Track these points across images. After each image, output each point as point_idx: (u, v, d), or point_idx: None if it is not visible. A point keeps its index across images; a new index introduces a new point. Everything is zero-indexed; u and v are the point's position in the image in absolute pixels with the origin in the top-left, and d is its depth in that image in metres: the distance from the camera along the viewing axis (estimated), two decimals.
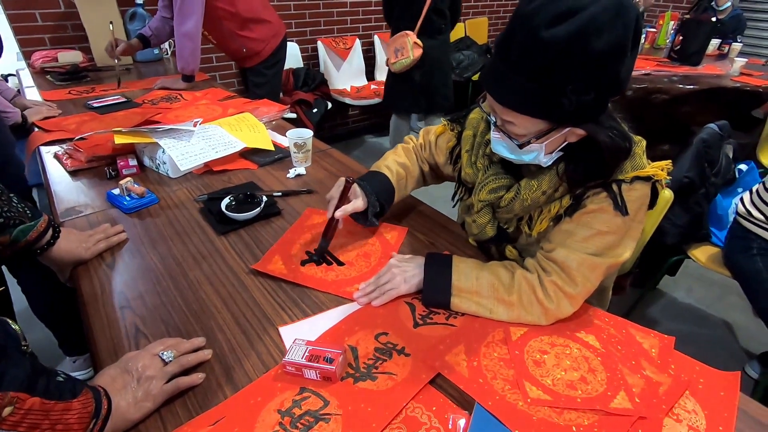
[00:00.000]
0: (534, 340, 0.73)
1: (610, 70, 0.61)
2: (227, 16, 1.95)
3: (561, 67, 0.59)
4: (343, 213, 0.88)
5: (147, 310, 0.78)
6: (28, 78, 2.12)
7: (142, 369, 0.61)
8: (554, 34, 0.57)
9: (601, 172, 0.72)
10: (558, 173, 0.75)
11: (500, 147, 0.77)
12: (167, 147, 1.17)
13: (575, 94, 0.61)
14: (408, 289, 0.81)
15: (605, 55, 0.58)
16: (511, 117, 0.68)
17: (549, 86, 0.61)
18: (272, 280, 0.85)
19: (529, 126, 0.68)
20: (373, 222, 0.95)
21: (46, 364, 0.53)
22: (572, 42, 0.57)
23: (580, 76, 0.60)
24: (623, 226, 0.74)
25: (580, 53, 0.58)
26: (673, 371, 0.69)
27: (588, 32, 0.57)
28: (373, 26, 3.47)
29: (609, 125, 0.69)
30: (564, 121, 0.67)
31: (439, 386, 0.65)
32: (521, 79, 0.62)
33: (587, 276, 0.74)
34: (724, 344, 1.79)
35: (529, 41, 0.59)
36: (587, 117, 0.66)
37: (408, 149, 1.06)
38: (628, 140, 0.70)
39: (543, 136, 0.69)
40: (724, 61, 3.20)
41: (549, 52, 0.58)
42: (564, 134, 0.70)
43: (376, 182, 0.95)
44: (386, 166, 0.99)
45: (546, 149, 0.72)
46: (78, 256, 0.86)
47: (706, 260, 1.52)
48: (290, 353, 0.66)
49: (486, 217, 0.88)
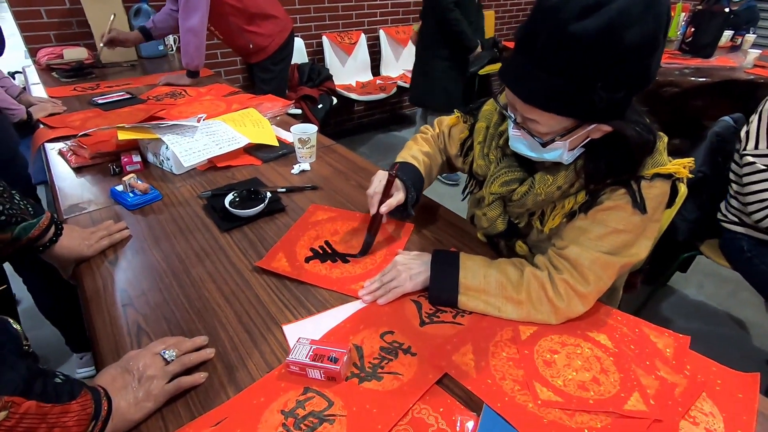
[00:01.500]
0: (544, 340, 0.71)
1: (641, 64, 0.58)
2: (233, 12, 1.93)
3: (590, 63, 0.57)
4: (388, 208, 0.86)
5: (149, 308, 0.77)
6: (34, 75, 2.12)
7: (143, 368, 0.60)
8: (583, 27, 0.54)
9: (624, 168, 0.69)
10: (575, 169, 0.73)
11: (520, 145, 0.74)
12: (170, 143, 1.16)
13: (606, 91, 0.58)
14: (414, 287, 0.79)
15: (637, 49, 0.56)
16: (535, 115, 0.65)
17: (578, 83, 0.59)
18: (276, 278, 0.84)
19: (554, 124, 0.66)
20: (411, 213, 0.93)
21: (53, 361, 0.51)
22: (602, 36, 0.54)
23: (610, 71, 0.57)
24: (640, 224, 0.71)
25: (610, 47, 0.55)
26: (689, 372, 0.66)
27: (619, 25, 0.54)
28: (378, 21, 3.43)
29: (634, 119, 0.66)
30: (592, 119, 0.64)
31: (446, 387, 0.64)
32: (547, 75, 0.60)
33: (600, 275, 0.72)
34: (738, 342, 1.76)
35: (556, 36, 0.56)
36: (615, 113, 0.63)
37: (427, 138, 1.04)
38: (653, 134, 0.68)
39: (567, 134, 0.66)
40: (738, 53, 3.12)
41: (578, 47, 0.56)
42: (588, 131, 0.67)
43: (409, 173, 0.93)
44: (412, 157, 0.97)
45: (569, 146, 0.69)
46: (80, 253, 0.86)
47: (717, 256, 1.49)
48: (294, 352, 0.64)
49: (497, 211, 0.86)
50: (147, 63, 2.37)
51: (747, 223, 1.33)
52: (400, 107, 4.01)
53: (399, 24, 3.55)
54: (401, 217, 0.94)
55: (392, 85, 3.25)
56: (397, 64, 3.57)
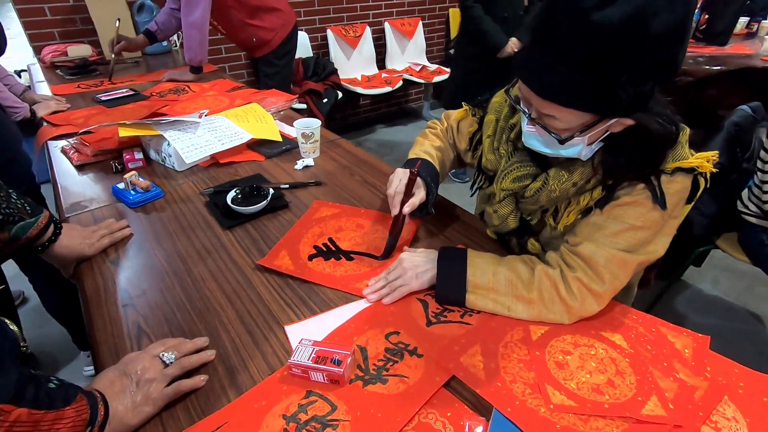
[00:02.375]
0: (556, 340, 0.68)
1: (669, 53, 0.54)
2: (235, 5, 1.91)
3: (615, 55, 0.53)
4: (411, 208, 0.82)
5: (150, 308, 0.75)
6: (39, 73, 2.12)
7: (141, 372, 0.59)
8: (607, 16, 0.50)
9: (646, 163, 0.66)
10: (593, 164, 0.69)
11: (535, 141, 0.70)
12: (172, 139, 1.14)
13: (632, 84, 0.55)
14: (420, 285, 0.77)
15: (664, 39, 0.52)
16: (553, 111, 0.62)
17: (601, 77, 0.55)
18: (279, 276, 0.82)
19: (573, 120, 0.62)
20: (431, 211, 0.90)
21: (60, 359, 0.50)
22: (628, 25, 0.50)
23: (636, 63, 0.53)
24: (659, 221, 0.67)
25: (636, 37, 0.51)
26: (710, 374, 0.63)
27: (645, 13, 0.50)
28: (383, 13, 3.38)
29: (657, 111, 0.62)
30: (615, 113, 0.60)
31: (454, 390, 0.61)
32: (567, 69, 0.56)
33: (615, 273, 0.68)
34: (755, 339, 1.71)
35: (577, 26, 0.53)
36: (639, 106, 0.59)
37: (437, 133, 1.01)
38: (676, 125, 0.64)
39: (587, 130, 0.62)
40: (754, 40, 3.03)
41: (601, 38, 0.52)
42: (609, 125, 0.63)
43: (427, 170, 0.90)
44: (425, 152, 0.94)
45: (587, 141, 0.65)
46: (81, 252, 0.84)
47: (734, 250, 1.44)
48: (296, 354, 0.62)
49: (508, 208, 0.83)
50: (151, 59, 2.35)
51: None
52: (406, 101, 3.97)
53: (404, 16, 3.50)
54: (420, 216, 0.91)
55: (398, 79, 3.20)
56: (403, 57, 3.53)
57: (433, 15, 3.67)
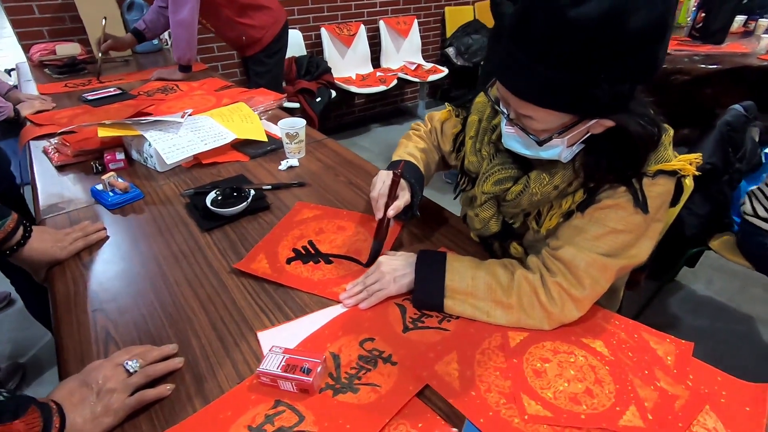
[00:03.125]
0: (535, 347, 0.66)
1: (648, 52, 0.52)
2: (225, 3, 1.88)
3: (593, 53, 0.51)
4: (396, 211, 0.80)
5: (120, 314, 0.73)
6: (27, 71, 2.10)
7: (103, 381, 0.57)
8: (583, 13, 0.48)
9: (627, 165, 0.64)
10: (574, 167, 0.67)
11: (514, 142, 0.68)
12: (153, 140, 1.12)
13: (610, 83, 0.53)
14: (398, 290, 0.75)
15: (644, 36, 0.50)
16: (531, 111, 0.60)
17: (579, 76, 0.53)
18: (254, 280, 0.80)
19: (551, 120, 0.60)
20: (417, 214, 0.87)
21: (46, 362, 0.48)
22: (605, 22, 0.48)
23: (615, 61, 0.51)
24: (642, 225, 0.66)
25: (615, 35, 0.49)
26: (692, 382, 0.61)
27: (623, 9, 0.48)
28: (378, 11, 3.36)
29: (639, 111, 0.60)
30: (594, 114, 0.59)
31: (427, 399, 0.59)
32: (544, 68, 0.54)
33: (596, 278, 0.67)
34: (747, 339, 1.69)
35: (553, 23, 0.51)
36: (619, 107, 0.57)
37: (421, 135, 0.99)
38: (658, 127, 0.62)
39: (566, 131, 0.60)
40: (750, 39, 3.01)
41: (578, 36, 0.50)
42: (589, 126, 0.61)
43: (411, 172, 0.88)
44: (409, 154, 0.92)
45: (567, 143, 0.63)
46: (53, 256, 0.82)
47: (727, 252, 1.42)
48: (265, 362, 0.60)
49: (490, 211, 0.81)
50: (141, 58, 2.33)
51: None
52: (402, 100, 3.94)
53: (399, 14, 3.47)
54: (406, 219, 0.88)
55: (393, 77, 3.18)
56: (398, 56, 3.50)
57: (429, 13, 3.64)
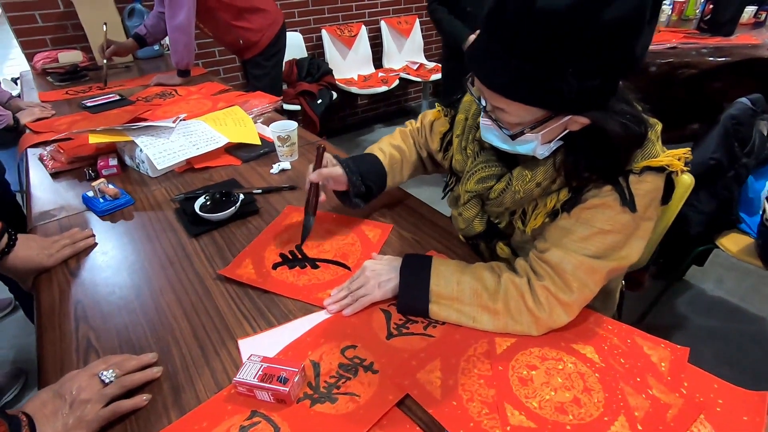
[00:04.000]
0: (522, 354, 0.64)
1: (622, 47, 0.50)
2: (220, 7, 1.88)
3: (561, 45, 0.49)
4: (318, 176, 0.81)
5: (103, 322, 0.73)
6: (31, 80, 2.12)
7: (76, 392, 0.56)
8: (552, 4, 0.47)
9: (607, 165, 0.61)
10: (555, 164, 0.65)
11: (491, 135, 0.67)
12: (143, 145, 1.12)
13: (577, 78, 0.51)
14: (383, 295, 0.73)
15: (616, 30, 0.48)
16: (503, 103, 0.58)
17: (546, 68, 0.51)
18: (239, 286, 0.79)
19: (523, 114, 0.58)
20: (358, 204, 0.88)
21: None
22: (575, 14, 0.46)
23: (584, 55, 0.49)
24: (630, 224, 0.63)
25: (584, 28, 0.47)
26: (686, 390, 0.59)
27: (594, 1, 0.46)
28: (379, 11, 3.34)
29: (620, 109, 0.58)
30: (564, 109, 0.57)
31: (408, 409, 0.58)
32: (513, 59, 0.52)
33: (584, 281, 0.64)
34: (759, 340, 1.64)
35: (522, 14, 0.49)
36: (592, 103, 0.55)
37: (405, 133, 0.98)
38: (643, 125, 0.59)
39: (539, 126, 0.59)
40: (761, 30, 2.93)
41: (546, 27, 0.48)
42: (564, 123, 0.59)
43: (364, 163, 0.88)
44: (379, 149, 0.92)
45: (543, 139, 0.61)
46: (39, 263, 0.82)
47: (737, 250, 1.37)
48: (242, 372, 0.59)
49: (473, 210, 0.79)
50: (143, 63, 2.35)
51: None
52: (405, 100, 3.92)
53: (401, 14, 3.45)
54: (351, 207, 0.90)
55: (394, 78, 3.16)
56: (400, 56, 3.48)
57: None
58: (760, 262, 1.30)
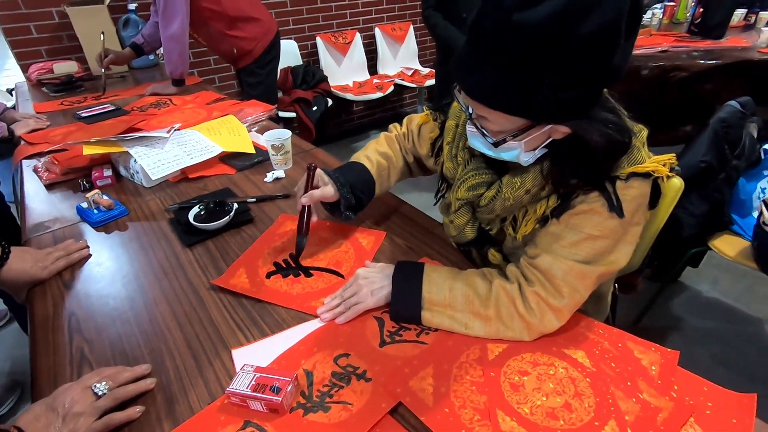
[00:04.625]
0: (514, 359, 0.65)
1: (597, 60, 0.51)
2: (214, 16, 1.90)
3: (536, 57, 0.50)
4: (309, 199, 0.81)
5: (96, 333, 0.73)
6: (26, 91, 2.13)
7: (69, 405, 0.56)
8: (527, 18, 0.48)
9: (593, 173, 0.62)
10: (543, 171, 0.66)
11: (477, 142, 0.68)
12: (138, 156, 1.12)
13: (552, 90, 0.52)
14: (376, 303, 0.73)
15: (591, 43, 0.49)
16: (485, 112, 0.60)
17: (522, 79, 0.52)
18: (233, 296, 0.79)
19: (505, 122, 0.59)
20: (349, 216, 0.88)
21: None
22: (549, 27, 0.47)
23: (559, 67, 0.50)
24: (618, 229, 0.64)
25: (559, 41, 0.48)
26: (676, 393, 0.59)
27: (570, 15, 0.47)
28: (373, 18, 3.37)
29: (602, 118, 0.58)
30: (542, 118, 0.58)
31: (400, 416, 0.58)
32: (492, 69, 0.54)
33: (575, 286, 0.65)
34: (754, 341, 1.64)
35: (500, 26, 0.50)
36: (571, 113, 0.57)
37: (391, 138, 0.98)
38: (627, 133, 0.60)
39: (521, 134, 0.60)
40: (751, 32, 2.96)
41: (521, 40, 0.49)
42: (547, 131, 0.60)
43: (351, 173, 0.88)
44: (366, 157, 0.92)
45: (526, 147, 0.62)
46: (34, 276, 0.82)
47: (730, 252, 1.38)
48: (235, 382, 0.59)
49: (464, 218, 0.80)
50: (138, 73, 2.36)
51: None
52: (401, 106, 3.94)
53: (395, 21, 3.48)
54: (342, 220, 0.89)
55: (389, 84, 3.18)
56: (395, 62, 3.50)
57: None
58: (755, 264, 1.31)
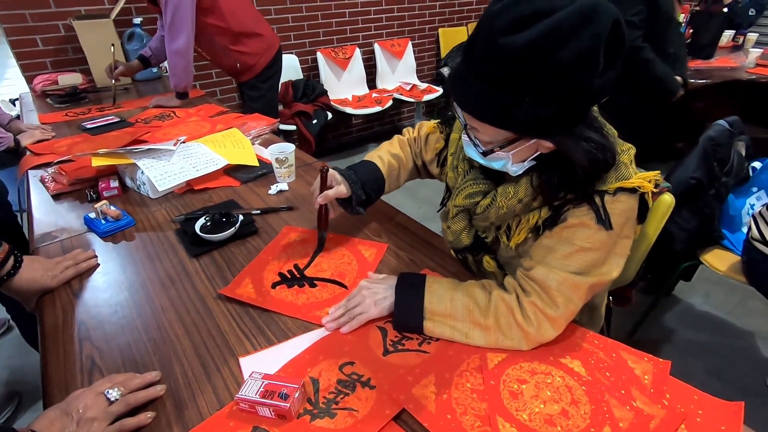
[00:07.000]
0: (513, 368, 0.67)
1: (575, 82, 0.55)
2: (218, 32, 1.94)
3: (518, 77, 0.55)
4: (324, 199, 0.87)
5: (106, 341, 0.75)
6: (30, 102, 2.16)
7: (83, 410, 0.58)
8: (511, 41, 0.52)
9: (578, 186, 0.66)
10: (533, 183, 0.70)
11: (470, 150, 0.73)
12: (145, 167, 1.15)
13: (533, 107, 0.56)
14: (379, 313, 0.76)
15: (569, 68, 0.53)
16: (475, 123, 0.64)
17: (506, 95, 0.57)
18: (239, 306, 0.81)
19: (493, 134, 0.64)
20: (359, 211, 0.93)
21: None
22: (530, 52, 0.52)
23: (539, 87, 0.55)
24: (608, 241, 0.67)
25: (539, 64, 0.53)
26: (668, 401, 0.62)
27: (550, 42, 0.51)
28: (373, 34, 3.44)
29: (586, 136, 0.62)
30: (525, 132, 0.62)
31: (404, 423, 0.60)
32: (481, 84, 0.58)
33: (569, 297, 0.68)
34: (746, 354, 1.67)
35: (488, 47, 0.55)
36: (553, 130, 0.61)
37: (403, 141, 1.03)
38: (609, 152, 0.64)
39: (508, 145, 0.64)
40: (739, 53, 3.06)
41: (505, 61, 0.54)
42: (533, 144, 0.65)
43: (364, 171, 0.94)
44: (378, 156, 0.98)
45: (514, 158, 0.67)
46: (43, 285, 0.84)
47: (721, 266, 1.42)
48: (244, 388, 0.61)
49: (461, 224, 0.84)
50: (141, 85, 2.39)
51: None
52: (399, 119, 4.00)
53: (394, 37, 3.55)
54: (351, 213, 0.95)
55: (388, 98, 3.24)
56: (393, 77, 3.57)
57: (423, 35, 3.72)
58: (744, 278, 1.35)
